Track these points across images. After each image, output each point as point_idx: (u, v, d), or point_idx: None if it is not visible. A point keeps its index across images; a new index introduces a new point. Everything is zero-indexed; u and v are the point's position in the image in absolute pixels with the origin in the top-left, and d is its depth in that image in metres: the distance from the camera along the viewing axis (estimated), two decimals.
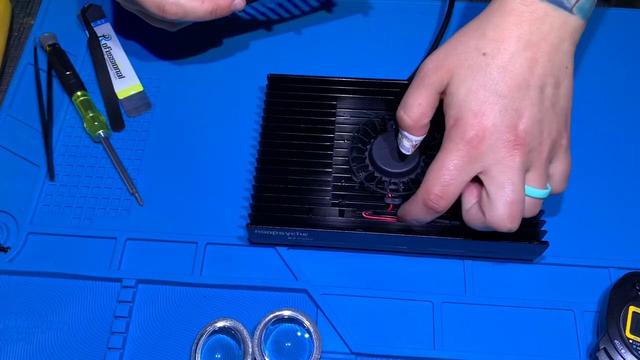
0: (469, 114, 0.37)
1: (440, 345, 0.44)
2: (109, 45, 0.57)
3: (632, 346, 0.42)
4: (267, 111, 0.50)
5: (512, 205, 0.37)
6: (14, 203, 0.50)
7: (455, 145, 0.37)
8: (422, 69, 0.40)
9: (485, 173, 0.38)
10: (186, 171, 0.52)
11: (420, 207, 0.40)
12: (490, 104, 0.37)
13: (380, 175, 0.47)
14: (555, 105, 0.38)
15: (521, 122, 0.37)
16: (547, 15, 0.38)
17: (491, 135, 0.37)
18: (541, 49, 0.37)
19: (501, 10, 0.38)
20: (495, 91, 0.37)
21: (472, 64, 0.38)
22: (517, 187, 0.37)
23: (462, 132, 0.37)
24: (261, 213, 0.46)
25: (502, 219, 0.37)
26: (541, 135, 0.38)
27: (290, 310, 0.44)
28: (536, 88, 0.37)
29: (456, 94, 0.38)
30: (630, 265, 0.47)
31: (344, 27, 0.59)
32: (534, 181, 0.38)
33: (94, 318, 0.46)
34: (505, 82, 0.37)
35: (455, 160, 0.37)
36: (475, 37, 0.38)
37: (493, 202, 0.37)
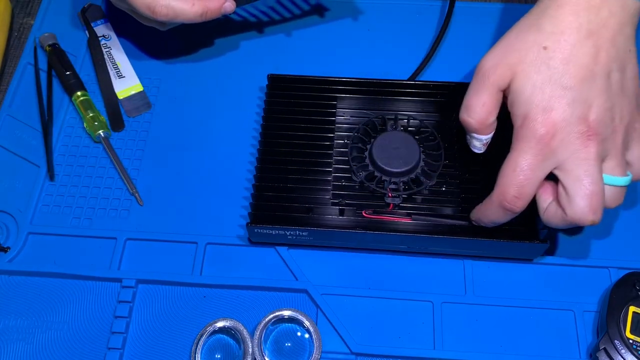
0: (537, 111, 0.36)
1: (440, 345, 0.44)
2: (109, 45, 0.57)
3: (632, 346, 0.42)
4: (267, 111, 0.50)
5: (592, 197, 0.36)
6: (14, 203, 0.50)
7: (527, 144, 0.37)
8: (481, 68, 0.39)
9: (561, 168, 0.37)
10: (186, 171, 0.52)
11: (496, 209, 0.40)
12: (558, 98, 0.36)
13: (380, 174, 0.47)
14: (624, 90, 0.38)
15: (591, 112, 0.36)
16: (605, 1, 0.37)
17: (562, 129, 0.36)
18: (602, 36, 0.37)
19: (556, 2, 0.37)
20: (561, 84, 0.36)
21: (534, 59, 0.37)
22: (595, 178, 0.36)
23: (533, 130, 0.36)
24: (261, 212, 0.46)
25: (583, 213, 0.37)
26: (613, 122, 0.37)
27: (290, 310, 0.44)
28: (602, 76, 0.37)
29: (521, 91, 0.37)
30: (630, 265, 0.47)
31: (344, 27, 0.59)
32: (612, 169, 0.38)
33: (94, 318, 0.46)
34: (570, 73, 0.36)
35: (528, 159, 0.37)
36: (533, 32, 0.38)
37: (572, 196, 0.37)
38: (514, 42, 0.38)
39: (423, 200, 0.47)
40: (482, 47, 0.57)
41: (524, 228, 0.44)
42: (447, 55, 0.57)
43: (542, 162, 0.37)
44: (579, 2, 0.37)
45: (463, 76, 0.55)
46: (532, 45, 0.37)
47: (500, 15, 0.59)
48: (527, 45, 0.38)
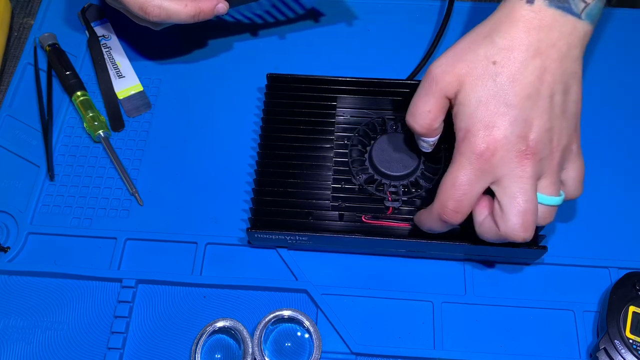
0: (480, 126, 0.37)
1: (440, 345, 0.44)
2: (109, 45, 0.57)
3: (632, 346, 0.42)
4: (267, 111, 0.50)
5: (525, 215, 0.37)
6: (14, 203, 0.50)
7: (467, 159, 0.37)
8: (430, 74, 0.39)
9: (497, 184, 0.38)
10: (186, 171, 0.52)
11: (436, 220, 0.40)
12: (501, 115, 0.37)
13: (380, 177, 0.47)
14: (565, 112, 0.38)
15: (532, 131, 0.37)
16: (556, 21, 0.37)
17: (502, 147, 0.37)
18: (550, 56, 0.37)
19: (510, 17, 0.38)
20: (506, 102, 0.37)
21: (482, 73, 0.37)
22: (529, 196, 0.37)
23: (473, 146, 0.37)
24: (261, 217, 0.46)
25: (515, 229, 0.37)
26: (551, 143, 0.37)
27: (290, 310, 0.44)
28: (546, 97, 0.37)
29: (466, 104, 0.38)
30: (630, 265, 0.47)
31: (344, 27, 0.59)
32: (546, 188, 0.38)
33: (94, 318, 0.46)
34: (515, 92, 0.37)
35: (467, 174, 0.37)
36: (485, 45, 0.38)
37: (506, 213, 0.37)
38: (465, 51, 0.38)
39: (423, 203, 0.47)
40: None
41: None
42: None
43: (481, 177, 0.37)
44: (532, 21, 0.37)
45: None
46: (483, 58, 0.38)
47: None
48: (478, 58, 0.38)
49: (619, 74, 0.55)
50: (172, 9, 0.47)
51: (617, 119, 0.53)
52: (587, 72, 0.55)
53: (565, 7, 0.37)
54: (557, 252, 0.47)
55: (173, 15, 0.48)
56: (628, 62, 0.56)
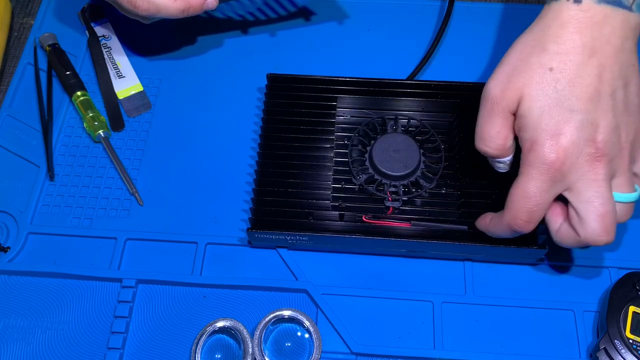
0: (546, 136, 0.36)
1: (440, 345, 0.44)
2: (109, 45, 0.57)
3: (632, 346, 0.42)
4: (267, 111, 0.50)
5: (605, 218, 0.36)
6: (14, 203, 0.50)
7: (537, 170, 0.37)
8: (488, 96, 0.39)
9: (570, 190, 0.37)
10: (186, 171, 0.52)
11: (505, 229, 0.40)
12: (566, 122, 0.36)
13: (380, 177, 0.47)
14: (628, 107, 0.38)
15: (599, 132, 0.36)
16: (607, 17, 0.37)
17: (571, 154, 0.36)
18: (606, 53, 0.36)
19: (558, 20, 0.37)
20: (569, 107, 0.36)
21: (540, 81, 0.37)
22: (605, 198, 0.36)
23: (542, 156, 0.36)
24: (261, 217, 0.46)
25: (597, 234, 0.37)
26: (620, 141, 0.37)
27: (290, 310, 0.44)
28: (607, 95, 0.36)
29: (529, 115, 0.37)
30: (630, 265, 0.47)
31: (344, 27, 0.59)
32: (620, 186, 0.38)
33: (94, 318, 0.46)
34: (577, 95, 0.36)
35: (538, 185, 0.37)
36: (537, 53, 0.37)
37: (584, 218, 0.37)
38: (517, 64, 0.38)
39: (423, 203, 0.47)
40: (482, 46, 0.57)
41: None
42: (446, 54, 0.57)
43: (552, 187, 0.37)
44: (582, 20, 0.37)
45: (463, 76, 0.55)
46: (537, 67, 0.37)
47: (499, 15, 0.59)
48: (532, 67, 0.37)
49: None
50: (161, 4, 0.48)
51: None
52: None
53: (615, 2, 0.37)
54: (557, 252, 0.47)
55: (162, 10, 0.48)
56: None
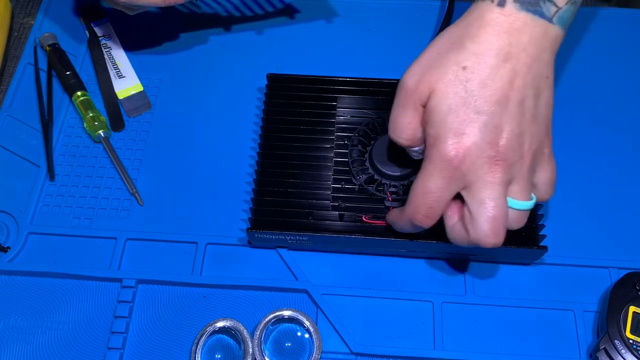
0: (449, 133, 0.36)
1: (440, 345, 0.44)
2: (109, 45, 0.57)
3: (632, 346, 0.42)
4: (267, 111, 0.50)
5: (495, 221, 0.37)
6: (14, 203, 0.50)
7: (436, 166, 0.37)
8: (402, 86, 0.39)
9: (467, 190, 0.37)
10: (186, 171, 0.52)
11: (407, 224, 0.40)
12: (471, 122, 0.36)
13: (380, 178, 0.47)
14: (536, 117, 0.38)
15: (502, 137, 0.36)
16: (527, 25, 0.37)
17: (472, 154, 0.36)
18: (521, 60, 0.36)
19: (480, 21, 0.37)
20: (476, 108, 0.36)
21: (452, 79, 0.37)
22: (498, 202, 0.37)
23: (443, 153, 0.36)
24: (261, 217, 0.46)
25: (485, 235, 0.37)
26: (522, 148, 0.37)
27: (290, 310, 0.44)
28: (516, 102, 0.36)
29: (436, 111, 0.37)
30: (630, 265, 0.47)
31: (344, 27, 0.59)
32: (516, 193, 0.38)
33: (94, 318, 0.46)
34: (485, 97, 0.36)
35: (437, 182, 0.37)
36: (454, 50, 0.37)
37: (475, 219, 0.37)
38: (434, 58, 0.38)
39: None
40: None
41: (523, 234, 0.44)
42: None
43: (450, 184, 0.37)
44: (502, 24, 0.37)
45: None
46: (453, 63, 0.37)
47: None
48: (447, 64, 0.37)
49: (618, 74, 0.55)
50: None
51: (617, 119, 0.53)
52: (584, 72, 0.55)
53: (537, 11, 0.37)
54: (557, 252, 0.47)
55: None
56: (626, 62, 0.56)
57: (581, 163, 0.51)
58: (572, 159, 0.51)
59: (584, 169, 0.51)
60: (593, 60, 0.56)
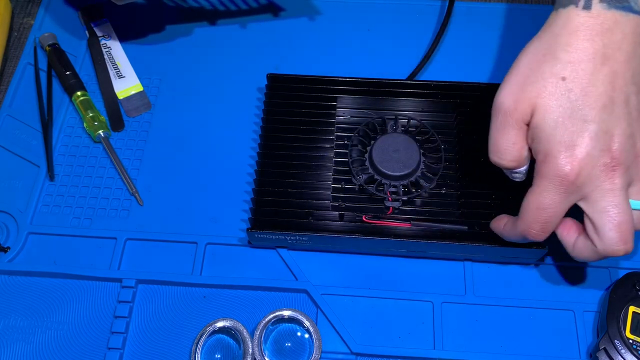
0: (560, 147, 0.35)
1: (440, 345, 0.44)
2: (109, 45, 0.57)
3: (632, 346, 0.42)
4: (267, 111, 0.50)
5: (622, 227, 0.36)
6: (14, 203, 0.50)
7: (551, 182, 0.36)
8: (500, 107, 0.38)
9: (586, 200, 0.36)
10: (186, 171, 0.52)
11: (519, 237, 0.40)
12: (580, 133, 0.35)
13: (380, 178, 0.47)
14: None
15: (614, 142, 0.35)
16: (617, 23, 0.36)
17: (587, 165, 0.35)
18: (618, 60, 0.36)
19: (568, 28, 0.36)
20: (583, 117, 0.35)
21: (553, 92, 0.36)
22: (622, 207, 0.36)
23: (556, 169, 0.36)
24: (261, 217, 0.46)
25: (614, 243, 0.36)
26: (635, 148, 0.36)
27: (290, 310, 0.44)
28: (621, 103, 0.36)
29: (542, 127, 0.36)
30: (630, 265, 0.47)
31: (344, 27, 0.59)
32: (638, 194, 0.37)
33: (94, 318, 0.46)
34: (590, 105, 0.35)
35: (552, 197, 0.36)
36: (548, 62, 0.36)
37: (600, 229, 0.36)
38: (529, 73, 0.37)
39: (423, 203, 0.47)
40: (482, 47, 0.57)
41: None
42: (446, 55, 0.57)
43: (566, 198, 0.36)
44: (593, 27, 0.36)
45: (463, 76, 0.55)
46: (550, 76, 0.36)
47: (499, 15, 0.59)
48: (544, 77, 0.36)
49: None
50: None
51: None
52: None
53: (626, 7, 0.36)
54: (557, 252, 0.47)
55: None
56: None
57: None
58: None
59: None
60: None
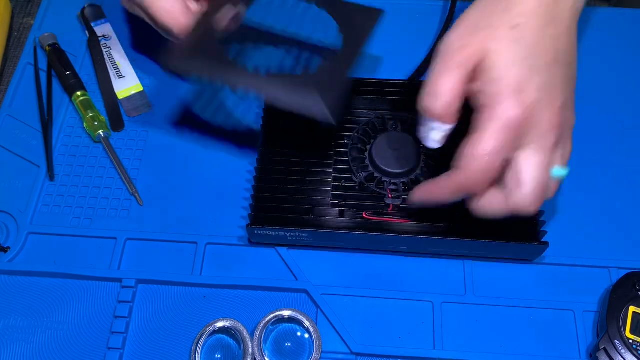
0: (509, 91, 0.35)
1: (440, 345, 0.44)
2: (109, 45, 0.57)
3: (632, 346, 0.42)
4: (267, 111, 0.50)
5: (542, 188, 0.36)
6: (14, 203, 0.50)
7: (496, 125, 0.35)
8: (446, 49, 0.37)
9: (520, 153, 0.36)
10: (186, 171, 0.52)
11: (453, 192, 0.38)
12: (530, 80, 0.35)
13: (380, 175, 0.47)
14: (574, 86, 0.38)
15: (557, 100, 0.36)
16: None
17: (533, 113, 0.35)
18: (560, 26, 0.37)
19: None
20: (533, 66, 0.35)
21: (504, 38, 0.36)
22: (547, 168, 0.36)
23: (503, 111, 0.35)
24: (261, 213, 0.46)
25: (530, 202, 0.36)
26: (570, 116, 0.37)
27: (290, 310, 0.44)
28: (563, 65, 0.36)
29: (493, 70, 0.35)
30: (630, 265, 0.47)
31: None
32: (558, 160, 0.37)
33: (94, 318, 0.46)
34: (540, 56, 0.36)
35: (495, 143, 0.35)
36: (499, 12, 0.37)
37: (523, 184, 0.36)
38: (479, 20, 0.37)
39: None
40: None
41: (524, 229, 0.44)
42: None
43: (507, 145, 0.35)
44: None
45: None
46: (501, 24, 0.36)
47: None
48: (495, 24, 0.36)
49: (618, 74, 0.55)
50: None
51: (617, 119, 0.53)
52: (584, 72, 0.55)
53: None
54: (557, 252, 0.47)
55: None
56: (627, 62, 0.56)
57: (580, 163, 0.51)
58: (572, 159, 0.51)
59: (583, 169, 0.51)
60: (593, 60, 0.56)
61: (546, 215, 0.47)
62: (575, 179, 0.50)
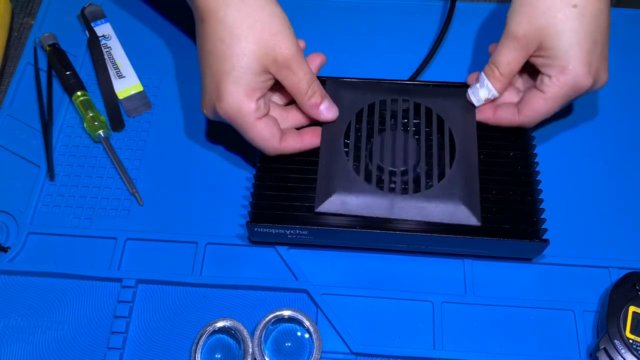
0: (579, 64, 0.42)
1: (440, 345, 0.44)
2: (109, 45, 0.57)
3: (632, 346, 0.42)
4: None
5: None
6: (14, 203, 0.50)
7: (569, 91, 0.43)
8: (510, 34, 0.44)
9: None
10: (186, 171, 0.52)
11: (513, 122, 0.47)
12: (593, 53, 0.42)
13: (380, 174, 0.47)
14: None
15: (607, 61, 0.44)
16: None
17: (595, 83, 0.43)
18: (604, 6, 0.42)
19: None
20: (595, 40, 0.42)
21: (567, 16, 0.42)
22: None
23: (578, 80, 0.42)
24: (261, 211, 0.46)
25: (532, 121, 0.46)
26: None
27: (290, 310, 0.44)
28: (608, 32, 0.43)
29: (558, 46, 0.42)
30: (630, 265, 0.47)
31: (345, 27, 0.59)
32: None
33: (94, 318, 0.46)
34: (600, 30, 0.42)
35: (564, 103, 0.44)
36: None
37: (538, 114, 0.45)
38: (537, 4, 0.42)
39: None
40: (484, 47, 0.57)
41: (524, 227, 0.44)
42: (448, 55, 0.57)
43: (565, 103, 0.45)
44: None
45: (464, 76, 0.55)
46: (560, 4, 0.42)
47: (501, 15, 0.59)
48: (555, 5, 0.42)
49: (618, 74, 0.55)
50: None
51: (617, 119, 0.53)
52: None
53: None
54: (557, 252, 0.47)
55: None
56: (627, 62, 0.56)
57: (581, 163, 0.51)
58: (572, 160, 0.52)
59: (583, 170, 0.51)
60: None
61: (546, 215, 0.47)
62: (575, 179, 0.50)
